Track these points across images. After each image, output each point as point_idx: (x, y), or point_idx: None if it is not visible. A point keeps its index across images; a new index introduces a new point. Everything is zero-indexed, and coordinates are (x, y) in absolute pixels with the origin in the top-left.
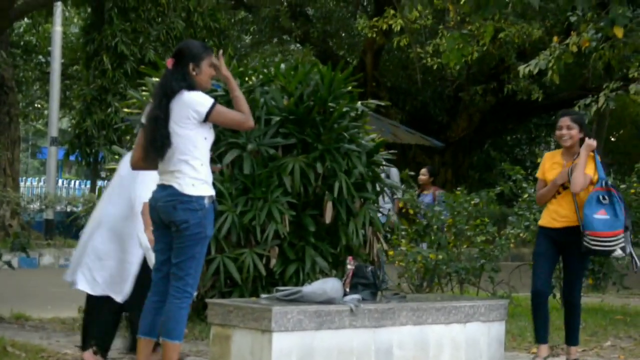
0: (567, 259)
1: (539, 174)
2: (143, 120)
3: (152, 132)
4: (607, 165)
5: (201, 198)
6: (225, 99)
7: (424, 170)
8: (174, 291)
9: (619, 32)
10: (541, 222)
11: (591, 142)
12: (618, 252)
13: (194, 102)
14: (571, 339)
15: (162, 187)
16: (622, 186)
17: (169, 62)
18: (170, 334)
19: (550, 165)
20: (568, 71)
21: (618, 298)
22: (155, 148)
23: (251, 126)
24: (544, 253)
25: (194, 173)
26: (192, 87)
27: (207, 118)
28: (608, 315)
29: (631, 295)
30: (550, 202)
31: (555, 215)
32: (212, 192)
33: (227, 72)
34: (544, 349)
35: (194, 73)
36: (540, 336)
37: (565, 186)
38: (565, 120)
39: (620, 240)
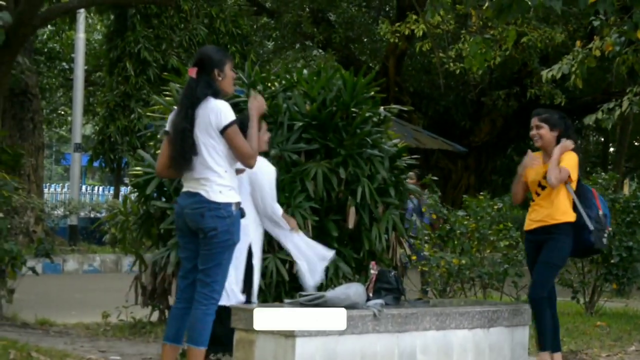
0: (540, 256)
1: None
2: (167, 128)
3: (181, 144)
4: (630, 169)
5: (229, 205)
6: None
7: (411, 174)
8: (200, 297)
9: None
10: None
11: (567, 143)
12: None
13: (219, 110)
14: (540, 343)
15: (188, 194)
16: None
17: (192, 71)
18: (196, 340)
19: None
20: (591, 75)
21: None
22: (185, 159)
23: (252, 165)
24: (531, 263)
25: (220, 180)
26: (217, 93)
27: (223, 130)
28: (632, 320)
29: None
30: (531, 204)
31: (532, 216)
32: (239, 199)
33: (256, 114)
34: (545, 357)
35: (219, 79)
36: (544, 344)
37: (542, 185)
38: (534, 120)
39: None
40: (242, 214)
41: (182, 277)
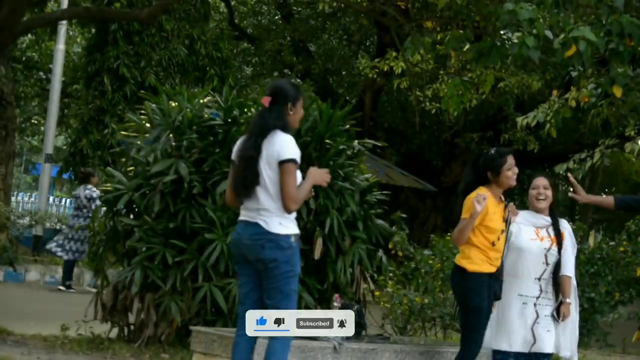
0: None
1: None
2: (233, 156)
3: (244, 171)
4: (597, 221)
5: (288, 237)
6: (223, 129)
7: None
8: None
9: (617, 91)
10: None
11: None
12: None
13: (283, 144)
14: None
15: (246, 224)
16: (612, 243)
17: (266, 101)
18: None
19: None
20: (565, 125)
21: (600, 355)
22: (246, 187)
23: (290, 211)
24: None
25: (280, 211)
26: (286, 127)
27: (281, 162)
28: None
29: (613, 353)
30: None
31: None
32: (298, 231)
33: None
34: None
35: (290, 113)
36: None
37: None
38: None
39: None
40: (300, 245)
41: (241, 303)
